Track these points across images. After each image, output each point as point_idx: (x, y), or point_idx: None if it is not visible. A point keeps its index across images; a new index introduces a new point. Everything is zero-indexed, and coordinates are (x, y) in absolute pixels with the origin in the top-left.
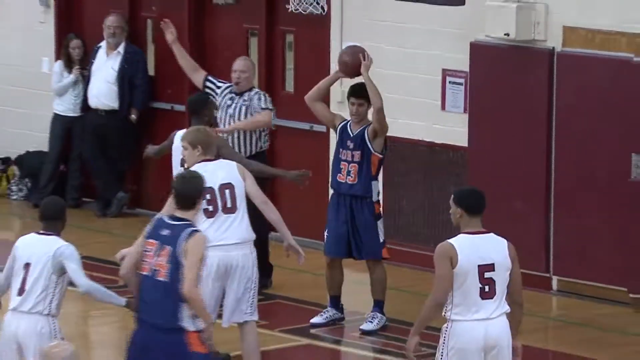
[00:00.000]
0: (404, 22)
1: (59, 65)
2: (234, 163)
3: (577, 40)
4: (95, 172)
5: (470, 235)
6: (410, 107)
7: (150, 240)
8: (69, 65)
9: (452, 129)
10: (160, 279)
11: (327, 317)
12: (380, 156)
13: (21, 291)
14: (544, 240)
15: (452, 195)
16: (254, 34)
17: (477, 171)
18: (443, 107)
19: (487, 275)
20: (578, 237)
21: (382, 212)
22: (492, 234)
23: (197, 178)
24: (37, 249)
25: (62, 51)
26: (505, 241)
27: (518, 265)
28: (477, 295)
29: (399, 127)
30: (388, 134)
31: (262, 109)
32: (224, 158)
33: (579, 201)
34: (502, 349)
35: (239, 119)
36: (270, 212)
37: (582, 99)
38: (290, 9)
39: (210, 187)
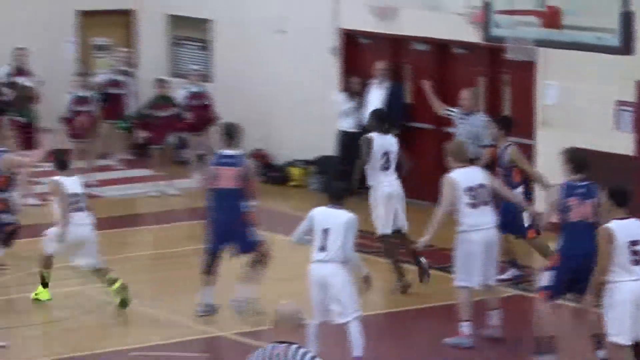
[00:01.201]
0: (581, 66)
1: (343, 95)
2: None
3: None
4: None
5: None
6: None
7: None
8: (350, 96)
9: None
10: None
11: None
12: None
13: (323, 248)
14: None
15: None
16: (481, 74)
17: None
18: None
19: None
20: None
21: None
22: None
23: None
24: (333, 218)
25: (345, 86)
26: None
27: None
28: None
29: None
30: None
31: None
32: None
33: None
34: None
35: (470, 137)
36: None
37: None
38: (508, 57)
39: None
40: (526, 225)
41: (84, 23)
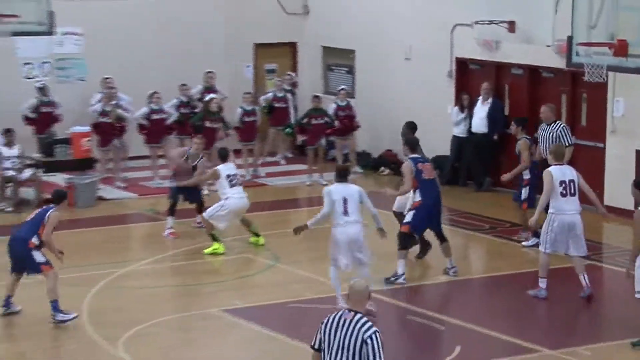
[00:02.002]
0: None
1: (455, 109)
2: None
3: None
4: (472, 166)
5: None
6: None
7: None
8: (461, 109)
9: None
10: None
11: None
12: None
13: (346, 212)
14: None
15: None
16: (564, 93)
17: None
18: None
19: None
20: None
21: None
22: None
23: None
24: (351, 190)
25: (458, 101)
26: None
27: None
28: None
29: None
30: None
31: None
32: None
33: None
34: None
35: (552, 142)
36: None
37: None
38: (585, 79)
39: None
40: (522, 198)
41: (259, 52)
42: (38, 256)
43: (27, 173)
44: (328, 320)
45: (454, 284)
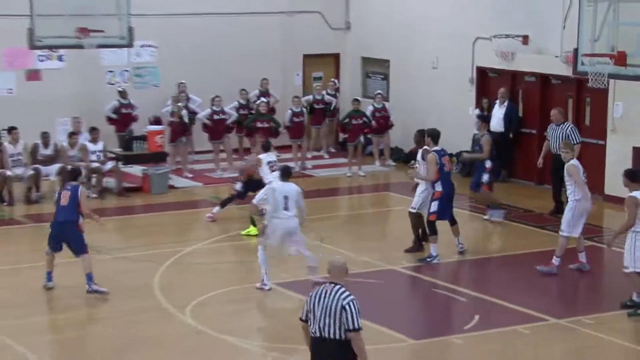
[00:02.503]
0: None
1: (477, 110)
2: None
3: None
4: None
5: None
6: None
7: None
8: (482, 111)
9: None
10: None
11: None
12: None
13: (286, 208)
14: None
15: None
16: (571, 97)
17: None
18: None
19: None
20: None
21: None
22: None
23: None
24: (291, 188)
25: (478, 104)
26: None
27: None
28: None
29: None
30: None
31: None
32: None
33: None
34: None
35: (561, 139)
36: None
37: None
38: (589, 85)
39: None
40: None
41: (307, 62)
42: (84, 238)
43: (109, 165)
44: (313, 294)
45: (473, 262)
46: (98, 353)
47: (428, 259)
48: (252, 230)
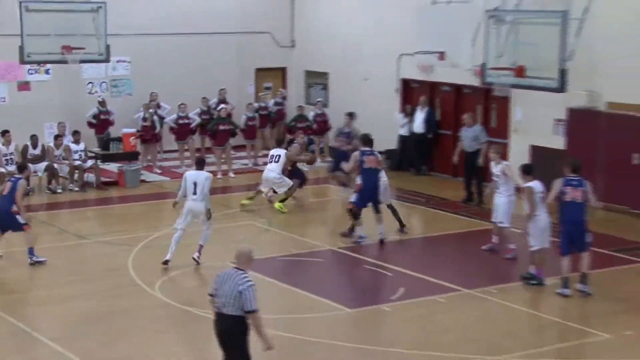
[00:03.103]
0: (536, 98)
1: (401, 115)
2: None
3: None
4: (413, 157)
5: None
6: None
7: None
8: (405, 116)
9: (558, 142)
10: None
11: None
12: None
13: (195, 192)
14: None
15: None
16: (479, 104)
17: None
18: (555, 133)
19: None
20: None
21: None
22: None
23: None
24: (200, 175)
25: (403, 110)
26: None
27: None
28: None
29: None
30: None
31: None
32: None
33: None
34: None
35: (472, 140)
36: None
37: None
38: (494, 93)
39: None
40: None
41: (258, 74)
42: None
43: (90, 163)
44: (220, 274)
45: (398, 243)
46: (80, 322)
47: (359, 240)
48: (280, 206)
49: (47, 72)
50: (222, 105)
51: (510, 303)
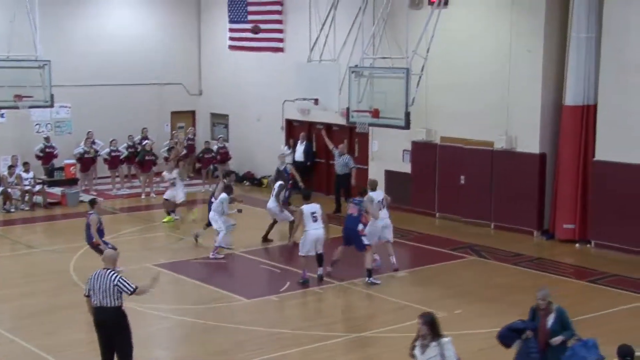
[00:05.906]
0: (388, 134)
1: (286, 147)
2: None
3: None
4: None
5: None
6: None
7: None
8: (289, 147)
9: (406, 167)
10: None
11: None
12: None
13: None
14: None
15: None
16: (346, 138)
17: None
18: (403, 160)
19: None
20: None
21: None
22: None
23: None
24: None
25: (287, 142)
26: None
27: None
28: None
29: None
30: None
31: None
32: None
33: None
34: None
35: (343, 166)
36: None
37: None
38: (357, 130)
39: None
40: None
41: (173, 116)
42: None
43: (38, 187)
44: (92, 276)
45: (284, 247)
46: (29, 315)
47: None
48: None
49: (2, 115)
50: (146, 141)
51: (372, 292)
